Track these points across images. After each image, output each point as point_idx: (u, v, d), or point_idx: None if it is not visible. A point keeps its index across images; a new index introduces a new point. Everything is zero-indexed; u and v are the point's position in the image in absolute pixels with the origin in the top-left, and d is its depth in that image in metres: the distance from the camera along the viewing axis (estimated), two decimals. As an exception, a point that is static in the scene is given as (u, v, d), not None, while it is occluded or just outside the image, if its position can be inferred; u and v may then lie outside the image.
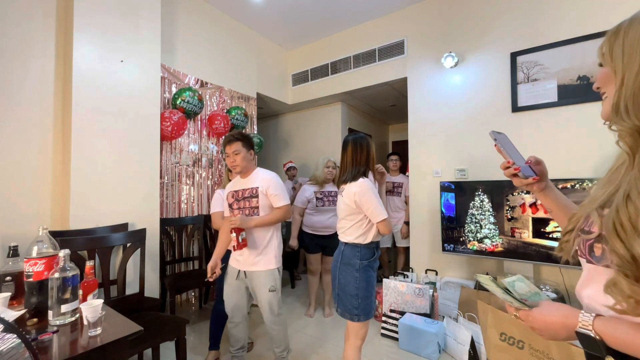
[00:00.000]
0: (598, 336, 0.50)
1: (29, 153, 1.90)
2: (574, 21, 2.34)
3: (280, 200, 1.80)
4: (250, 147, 1.85)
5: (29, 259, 1.13)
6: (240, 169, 1.80)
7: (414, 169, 3.10)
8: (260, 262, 1.77)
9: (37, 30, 1.95)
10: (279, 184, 1.82)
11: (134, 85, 2.23)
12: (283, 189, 1.83)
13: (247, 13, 3.32)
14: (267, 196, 1.79)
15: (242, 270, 1.80)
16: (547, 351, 1.58)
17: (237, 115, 3.21)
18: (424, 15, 3.09)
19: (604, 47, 0.57)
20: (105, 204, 2.05)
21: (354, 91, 3.75)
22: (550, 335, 0.59)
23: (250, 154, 1.84)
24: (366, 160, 1.59)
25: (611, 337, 0.49)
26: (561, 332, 0.56)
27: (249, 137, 1.87)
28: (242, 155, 1.79)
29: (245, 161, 1.81)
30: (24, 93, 1.89)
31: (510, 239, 2.30)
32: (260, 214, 1.79)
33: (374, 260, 1.55)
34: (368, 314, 1.50)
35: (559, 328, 0.57)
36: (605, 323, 0.50)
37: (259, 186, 1.80)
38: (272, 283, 1.77)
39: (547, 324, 0.59)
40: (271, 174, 1.86)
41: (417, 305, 2.37)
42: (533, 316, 0.61)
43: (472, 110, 2.77)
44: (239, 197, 1.84)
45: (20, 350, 0.76)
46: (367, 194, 1.48)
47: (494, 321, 1.85)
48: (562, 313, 0.57)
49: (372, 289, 1.54)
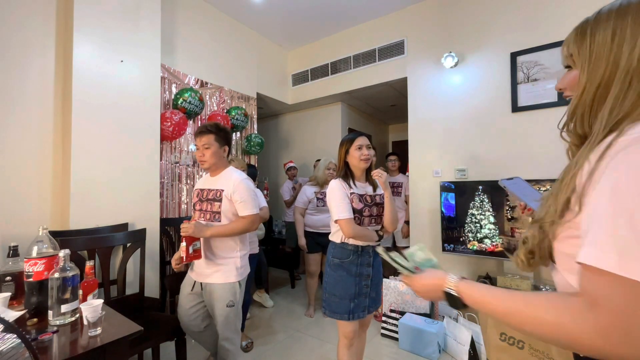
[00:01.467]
0: (458, 294, 0.61)
1: (29, 153, 1.90)
2: (574, 21, 2.33)
3: (246, 209, 1.57)
4: (225, 143, 1.67)
5: (29, 259, 1.13)
6: (208, 165, 1.62)
7: (414, 169, 3.09)
8: (218, 273, 1.58)
9: (37, 31, 1.94)
10: (247, 190, 1.60)
11: (134, 85, 2.22)
12: (251, 196, 1.60)
13: (247, 13, 3.31)
14: (232, 202, 1.58)
15: (199, 282, 1.63)
16: (547, 351, 1.58)
17: (237, 115, 3.21)
18: (424, 15, 3.09)
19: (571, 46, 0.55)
20: (105, 204, 2.05)
21: (353, 91, 3.75)
22: (427, 295, 0.70)
23: (223, 150, 1.65)
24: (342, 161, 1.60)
25: (467, 296, 0.60)
26: (435, 292, 0.66)
27: (226, 130, 1.68)
28: (213, 150, 1.60)
29: (216, 157, 1.62)
30: (24, 93, 1.89)
31: (510, 238, 2.30)
32: (222, 221, 1.58)
33: (348, 261, 1.51)
34: (334, 312, 1.50)
35: (433, 288, 0.67)
36: (467, 285, 0.61)
37: (224, 189, 1.59)
38: (231, 298, 1.57)
39: (424, 285, 0.69)
40: (241, 177, 1.63)
41: (417, 305, 2.37)
42: (414, 279, 0.71)
43: (472, 110, 2.77)
44: (203, 197, 1.65)
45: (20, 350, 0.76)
46: (330, 194, 1.54)
47: (494, 321, 1.85)
48: (436, 276, 0.67)
49: (343, 290, 1.49)
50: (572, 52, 0.55)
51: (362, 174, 1.61)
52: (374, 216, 1.57)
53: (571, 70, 0.56)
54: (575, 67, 0.55)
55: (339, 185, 1.54)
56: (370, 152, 1.54)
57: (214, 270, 1.59)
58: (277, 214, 4.38)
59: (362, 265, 1.54)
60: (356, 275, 1.52)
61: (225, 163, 1.69)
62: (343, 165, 1.60)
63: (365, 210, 1.54)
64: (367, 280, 1.55)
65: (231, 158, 2.63)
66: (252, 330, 2.54)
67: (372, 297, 1.59)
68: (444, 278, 0.64)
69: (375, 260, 1.59)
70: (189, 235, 1.49)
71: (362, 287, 1.53)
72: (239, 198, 1.57)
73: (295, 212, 2.82)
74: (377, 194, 1.61)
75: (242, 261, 1.64)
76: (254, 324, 2.66)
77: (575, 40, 0.54)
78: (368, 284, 1.55)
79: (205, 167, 1.64)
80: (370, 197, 1.58)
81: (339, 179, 1.58)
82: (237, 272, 1.61)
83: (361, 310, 1.53)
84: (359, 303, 1.52)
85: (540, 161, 2.43)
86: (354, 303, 1.50)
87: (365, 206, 1.54)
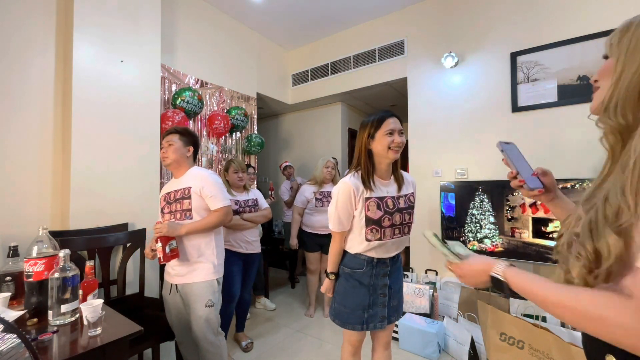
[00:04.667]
0: (505, 280, 0.63)
1: (29, 153, 1.90)
2: (574, 21, 2.34)
3: (218, 202, 1.56)
4: (190, 144, 1.66)
5: (29, 259, 1.13)
6: (170, 161, 1.60)
7: (414, 169, 3.09)
8: (195, 272, 1.54)
9: (37, 31, 1.94)
10: (215, 183, 1.59)
11: (134, 85, 2.22)
12: (221, 189, 1.59)
13: (247, 13, 3.31)
14: (202, 197, 1.56)
15: (175, 285, 1.59)
16: (547, 351, 1.58)
17: (237, 115, 3.21)
18: (424, 15, 3.09)
19: (614, 37, 0.55)
20: (105, 204, 2.05)
21: (353, 91, 3.75)
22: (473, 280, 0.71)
23: (187, 150, 1.64)
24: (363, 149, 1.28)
25: (514, 283, 0.61)
26: (482, 276, 0.68)
27: (192, 134, 1.69)
28: (175, 147, 1.59)
29: (177, 154, 1.59)
30: (24, 93, 1.89)
31: (510, 239, 2.30)
32: (194, 218, 1.55)
33: (361, 272, 1.31)
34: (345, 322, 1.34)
35: (480, 273, 0.69)
36: (513, 272, 0.62)
37: (191, 185, 1.57)
38: (210, 297, 1.53)
39: (472, 270, 0.71)
40: (207, 172, 1.63)
41: (417, 305, 2.37)
42: (461, 265, 0.74)
43: (472, 110, 2.77)
44: (171, 199, 1.62)
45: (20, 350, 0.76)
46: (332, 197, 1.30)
47: (494, 321, 1.85)
48: (484, 261, 0.69)
49: (354, 301, 1.32)
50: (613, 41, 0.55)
51: (387, 169, 1.28)
52: (398, 225, 1.26)
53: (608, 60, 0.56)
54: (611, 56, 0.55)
55: (346, 189, 1.24)
56: (403, 140, 1.22)
57: (190, 269, 1.55)
58: (277, 214, 4.38)
59: (377, 277, 1.34)
60: (369, 286, 1.33)
61: (189, 163, 1.66)
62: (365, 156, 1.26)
63: (385, 220, 1.24)
64: (384, 289, 1.36)
65: (231, 158, 2.63)
66: (252, 330, 2.54)
67: (392, 306, 1.38)
68: (492, 263, 0.67)
69: (394, 267, 1.38)
70: (163, 235, 1.46)
71: (377, 297, 1.34)
72: (208, 192, 1.55)
73: (294, 212, 2.83)
74: (402, 195, 1.29)
75: (219, 258, 1.61)
76: (254, 324, 2.66)
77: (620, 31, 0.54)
78: (385, 293, 1.36)
79: (166, 163, 1.61)
80: (392, 200, 1.27)
81: (351, 177, 1.27)
82: (215, 269, 1.58)
83: (379, 321, 1.34)
84: (375, 313, 1.34)
85: (540, 161, 2.43)
86: (367, 313, 1.33)
87: (386, 214, 1.25)
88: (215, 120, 3.00)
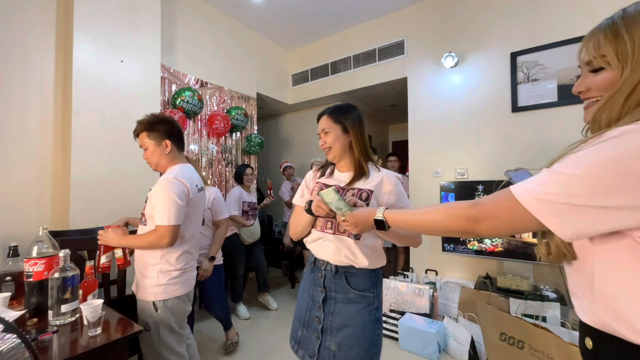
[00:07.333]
0: (385, 219, 0.86)
1: (29, 153, 1.90)
2: (574, 21, 2.34)
3: (159, 218, 1.25)
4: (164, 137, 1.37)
5: (29, 259, 1.13)
6: (154, 167, 1.41)
7: (414, 169, 3.10)
8: (139, 287, 1.33)
9: (37, 31, 1.94)
10: (164, 193, 1.26)
11: (133, 85, 2.22)
12: (168, 203, 1.24)
13: (247, 13, 3.31)
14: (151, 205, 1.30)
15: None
16: (547, 351, 1.58)
17: (237, 115, 3.21)
18: (424, 15, 3.09)
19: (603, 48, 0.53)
20: (106, 204, 2.05)
21: (354, 91, 3.75)
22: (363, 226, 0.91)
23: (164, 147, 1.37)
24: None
25: (391, 219, 0.85)
26: (368, 221, 0.89)
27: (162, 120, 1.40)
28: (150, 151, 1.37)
29: (155, 157, 1.38)
30: (24, 93, 1.89)
31: (510, 239, 2.30)
32: (147, 225, 1.33)
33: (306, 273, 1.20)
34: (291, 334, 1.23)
35: (367, 219, 0.89)
36: (389, 212, 0.86)
37: (152, 188, 1.35)
38: (147, 320, 1.28)
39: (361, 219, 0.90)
40: (168, 175, 1.32)
41: (417, 305, 2.37)
42: (355, 214, 0.92)
43: (472, 110, 2.77)
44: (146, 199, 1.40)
45: (20, 350, 0.76)
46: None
47: (494, 321, 1.85)
48: (368, 210, 0.91)
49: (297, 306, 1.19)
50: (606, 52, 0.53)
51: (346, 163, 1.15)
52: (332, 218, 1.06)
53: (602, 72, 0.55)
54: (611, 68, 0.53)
55: (308, 173, 1.28)
56: (327, 139, 1.12)
57: (137, 283, 1.36)
58: (277, 214, 4.38)
59: (314, 285, 1.12)
60: (309, 293, 1.13)
61: (170, 160, 1.40)
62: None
63: None
64: (319, 311, 1.08)
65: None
66: (252, 330, 2.54)
67: (327, 347, 1.04)
68: (374, 210, 0.88)
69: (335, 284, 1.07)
70: (103, 243, 1.36)
71: (312, 317, 1.10)
72: (154, 202, 1.27)
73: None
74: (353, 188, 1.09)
75: (167, 277, 1.30)
76: (254, 324, 2.66)
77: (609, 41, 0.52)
78: (320, 318, 1.07)
79: (153, 169, 1.43)
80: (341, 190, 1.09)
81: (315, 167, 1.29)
82: (153, 290, 1.28)
83: (308, 354, 1.08)
84: (308, 338, 1.10)
85: (540, 161, 2.43)
86: (302, 332, 1.12)
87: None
88: (215, 120, 3.00)
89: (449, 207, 0.68)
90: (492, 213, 0.59)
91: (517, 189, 0.54)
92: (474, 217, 0.61)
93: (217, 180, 3.17)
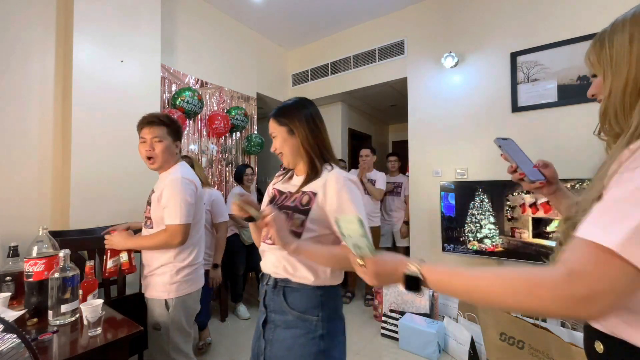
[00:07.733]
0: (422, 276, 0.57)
1: (29, 153, 1.90)
2: (574, 21, 2.34)
3: (170, 217, 1.26)
4: (178, 138, 1.41)
5: (29, 259, 1.13)
6: (159, 164, 1.35)
7: (414, 169, 3.09)
8: (149, 286, 1.34)
9: (37, 31, 1.94)
10: (175, 192, 1.27)
11: (134, 85, 2.22)
12: (180, 202, 1.26)
13: (247, 13, 3.31)
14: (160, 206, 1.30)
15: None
16: (547, 351, 1.58)
17: (237, 115, 3.21)
18: (424, 15, 3.09)
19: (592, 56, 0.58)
20: (106, 204, 2.05)
21: (354, 91, 3.75)
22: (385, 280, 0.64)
23: (175, 146, 1.39)
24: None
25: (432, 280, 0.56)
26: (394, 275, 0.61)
27: (179, 124, 1.43)
28: (165, 144, 1.33)
29: (167, 154, 1.35)
30: (24, 93, 1.89)
31: (510, 239, 2.30)
32: (154, 228, 1.34)
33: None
34: None
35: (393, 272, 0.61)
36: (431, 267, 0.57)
37: (156, 190, 1.35)
38: (158, 319, 1.29)
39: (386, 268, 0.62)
40: (176, 175, 1.32)
41: (417, 305, 2.37)
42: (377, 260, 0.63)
43: (472, 110, 2.77)
44: (149, 200, 1.40)
45: (20, 350, 0.76)
46: None
47: (494, 321, 1.85)
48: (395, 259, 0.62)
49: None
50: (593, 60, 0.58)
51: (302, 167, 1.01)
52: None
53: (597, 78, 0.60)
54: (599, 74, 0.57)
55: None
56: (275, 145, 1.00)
57: (147, 282, 1.36)
58: (277, 214, 4.38)
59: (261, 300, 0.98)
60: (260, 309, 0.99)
61: (175, 160, 1.42)
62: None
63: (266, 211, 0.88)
64: (260, 339, 0.94)
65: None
66: (252, 330, 2.53)
67: None
68: (404, 260, 0.61)
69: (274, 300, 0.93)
70: (110, 247, 1.37)
71: (259, 348, 0.95)
72: (165, 201, 1.28)
73: None
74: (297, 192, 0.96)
75: (179, 274, 1.31)
76: (254, 323, 2.65)
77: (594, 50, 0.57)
78: (262, 348, 0.92)
79: (155, 167, 1.36)
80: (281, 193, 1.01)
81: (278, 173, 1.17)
82: (166, 288, 1.30)
83: None
84: None
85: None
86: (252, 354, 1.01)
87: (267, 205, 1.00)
88: (215, 120, 3.00)
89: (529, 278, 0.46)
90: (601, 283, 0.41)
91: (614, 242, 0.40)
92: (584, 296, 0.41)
93: (217, 180, 3.17)
